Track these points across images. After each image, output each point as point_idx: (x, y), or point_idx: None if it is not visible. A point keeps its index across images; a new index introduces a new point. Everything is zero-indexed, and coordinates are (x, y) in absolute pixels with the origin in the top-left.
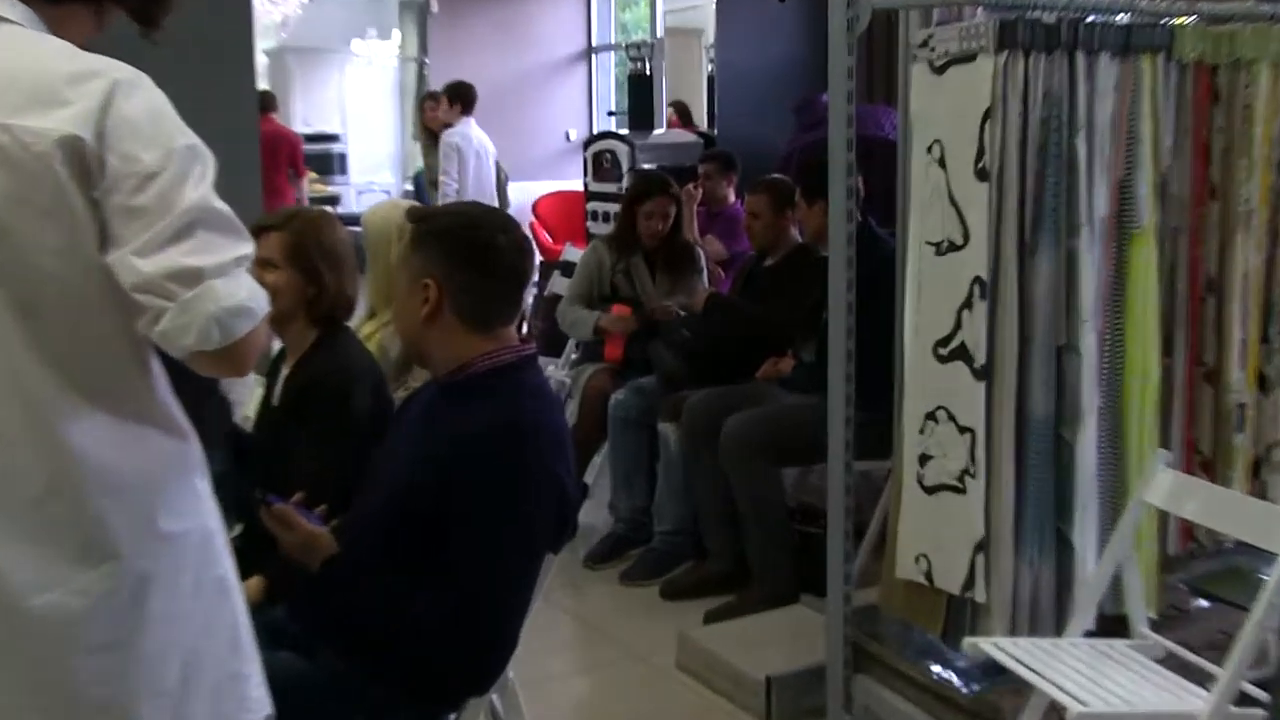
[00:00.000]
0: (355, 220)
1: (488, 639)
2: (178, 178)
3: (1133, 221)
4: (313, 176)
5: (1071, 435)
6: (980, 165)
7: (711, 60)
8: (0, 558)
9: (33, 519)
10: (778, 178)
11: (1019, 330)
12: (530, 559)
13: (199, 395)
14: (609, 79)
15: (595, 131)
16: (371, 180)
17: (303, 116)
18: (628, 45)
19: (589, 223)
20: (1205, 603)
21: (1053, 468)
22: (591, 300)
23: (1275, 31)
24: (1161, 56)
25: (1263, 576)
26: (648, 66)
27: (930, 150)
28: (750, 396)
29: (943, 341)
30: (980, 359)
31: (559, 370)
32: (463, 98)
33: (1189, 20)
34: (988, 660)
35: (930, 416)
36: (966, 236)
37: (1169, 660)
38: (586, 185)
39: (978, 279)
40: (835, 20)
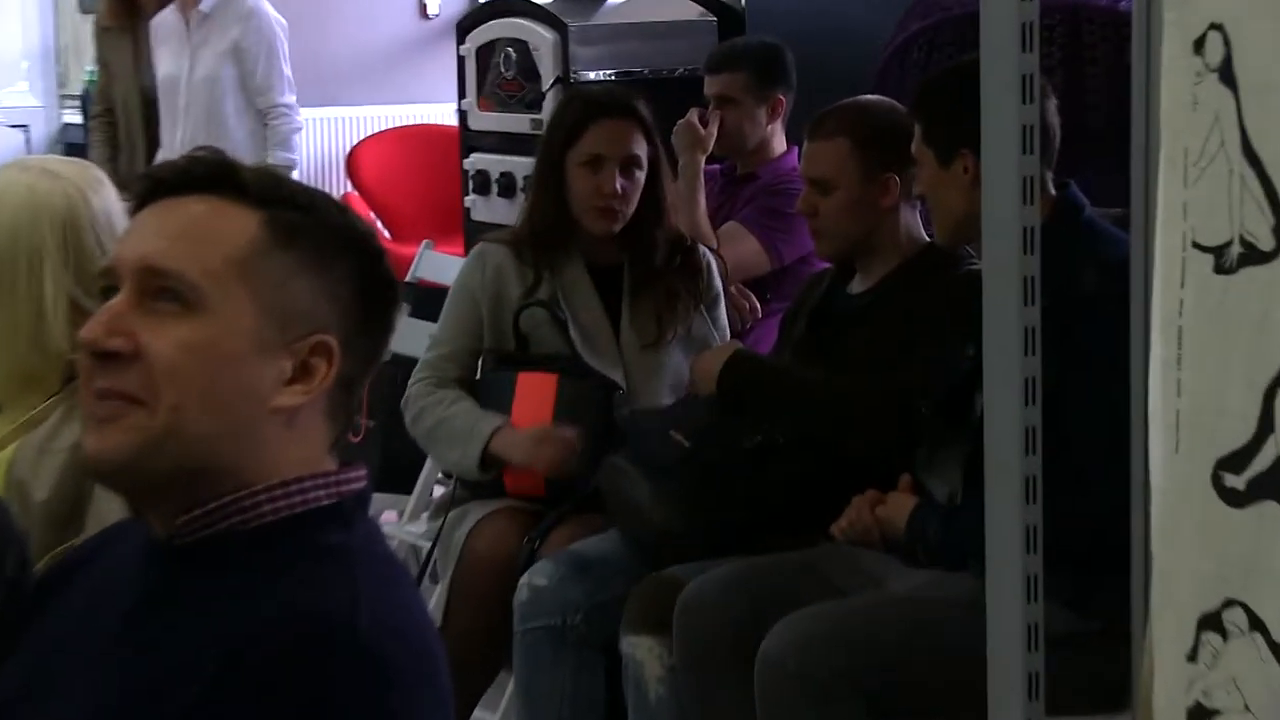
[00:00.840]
0: None
1: None
2: None
3: None
4: None
5: None
6: None
7: None
8: None
9: None
10: (870, 103)
11: None
12: None
13: None
14: None
15: (483, 0)
16: None
17: None
18: None
19: (471, 197)
20: None
21: None
22: (473, 367)
23: None
24: None
25: None
26: None
27: (1201, 46)
28: (818, 577)
29: (1234, 459)
30: None
31: (405, 523)
32: None
33: None
34: None
35: (1210, 622)
36: None
37: None
38: (464, 116)
39: None
40: None
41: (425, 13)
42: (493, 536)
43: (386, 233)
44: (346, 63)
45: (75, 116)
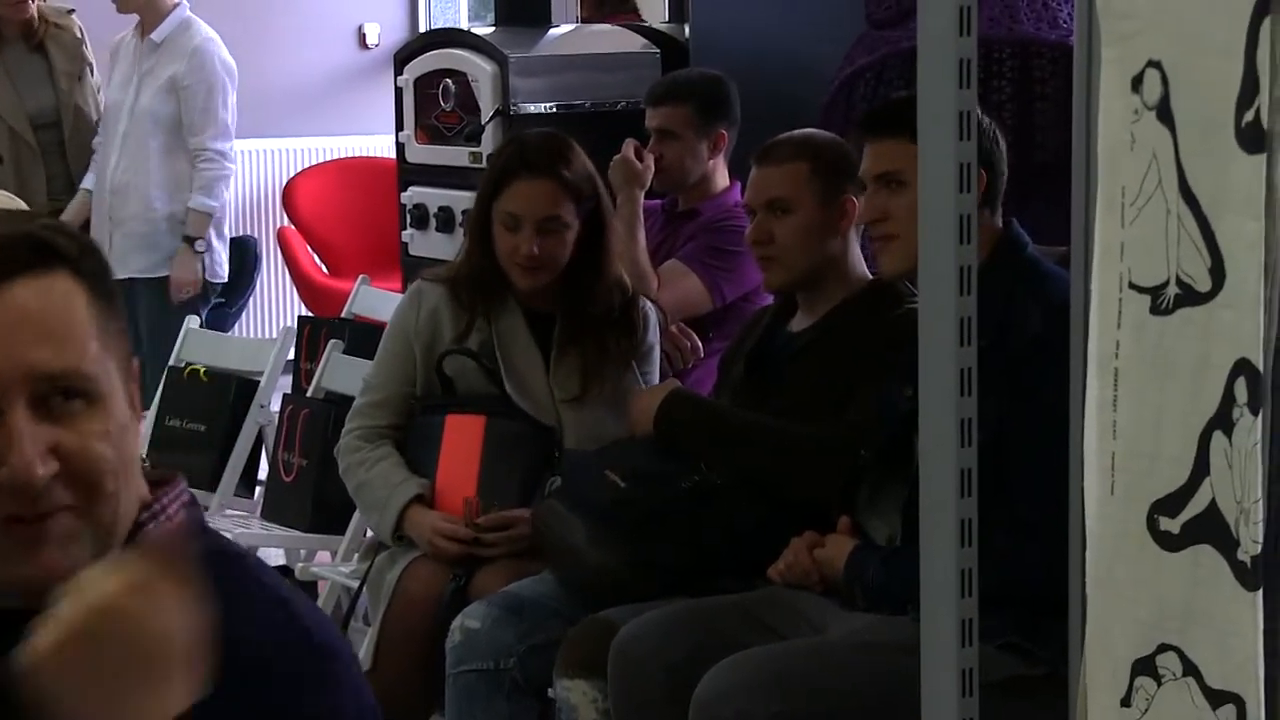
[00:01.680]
0: None
1: None
2: None
3: None
4: None
5: None
6: (1249, 119)
7: None
8: None
9: None
10: (818, 133)
11: None
12: None
13: None
14: None
15: (422, 29)
16: None
17: None
18: None
19: (409, 232)
20: None
21: None
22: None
23: None
24: None
25: None
26: None
27: (1139, 84)
28: (756, 620)
29: (1169, 502)
30: (1252, 541)
31: (338, 563)
32: None
33: None
34: None
35: (1143, 667)
36: (1219, 275)
37: None
38: (402, 149)
39: (1243, 365)
40: None
41: (364, 43)
42: (424, 578)
43: (324, 267)
44: (283, 93)
45: None
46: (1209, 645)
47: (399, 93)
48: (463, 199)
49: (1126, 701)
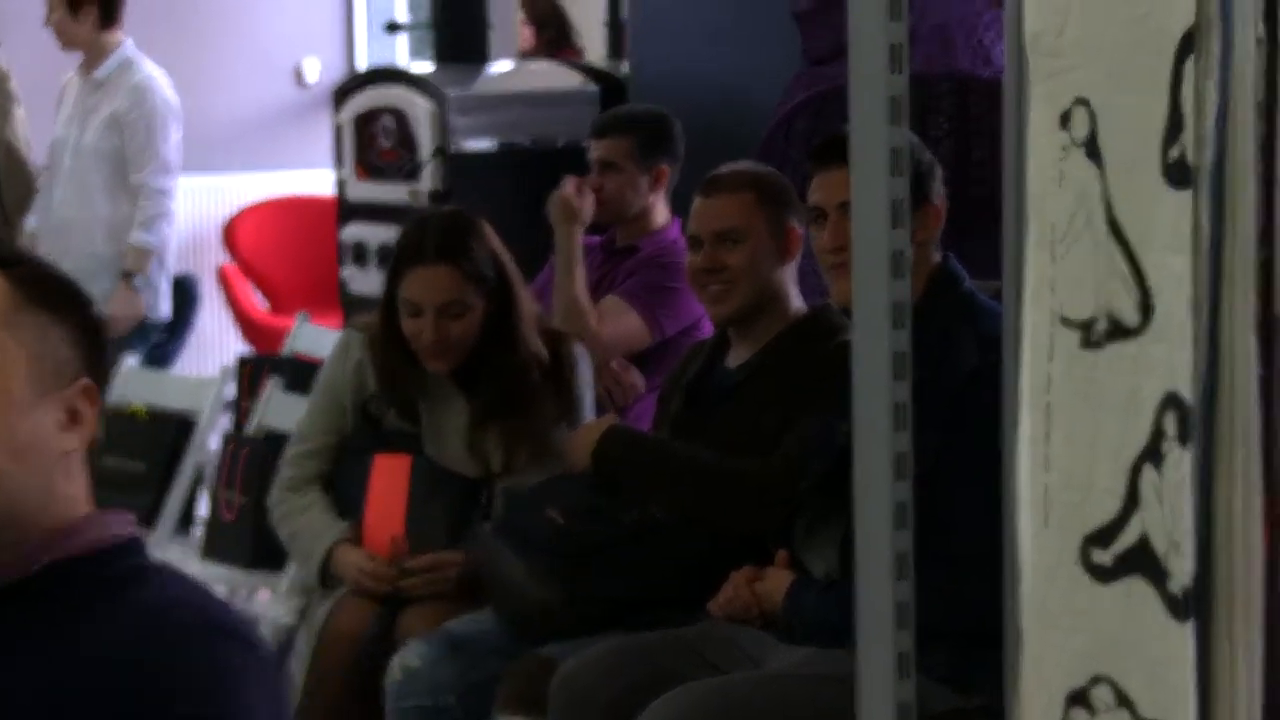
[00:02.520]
0: None
1: None
2: None
3: None
4: None
5: None
6: (1175, 155)
7: None
8: None
9: None
10: (759, 166)
11: (1270, 503)
12: None
13: None
14: None
15: (361, 69)
16: None
17: None
18: None
19: (348, 269)
20: None
21: None
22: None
23: None
24: None
25: None
26: None
27: (1067, 121)
28: (695, 655)
29: (1102, 535)
30: (1183, 573)
31: (278, 601)
32: None
33: None
34: None
35: (1078, 699)
36: (1147, 309)
37: None
38: (341, 186)
39: (1172, 399)
40: None
41: (302, 80)
42: (351, 613)
43: (264, 304)
44: (222, 129)
45: None
46: (1142, 677)
47: (338, 130)
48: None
49: None
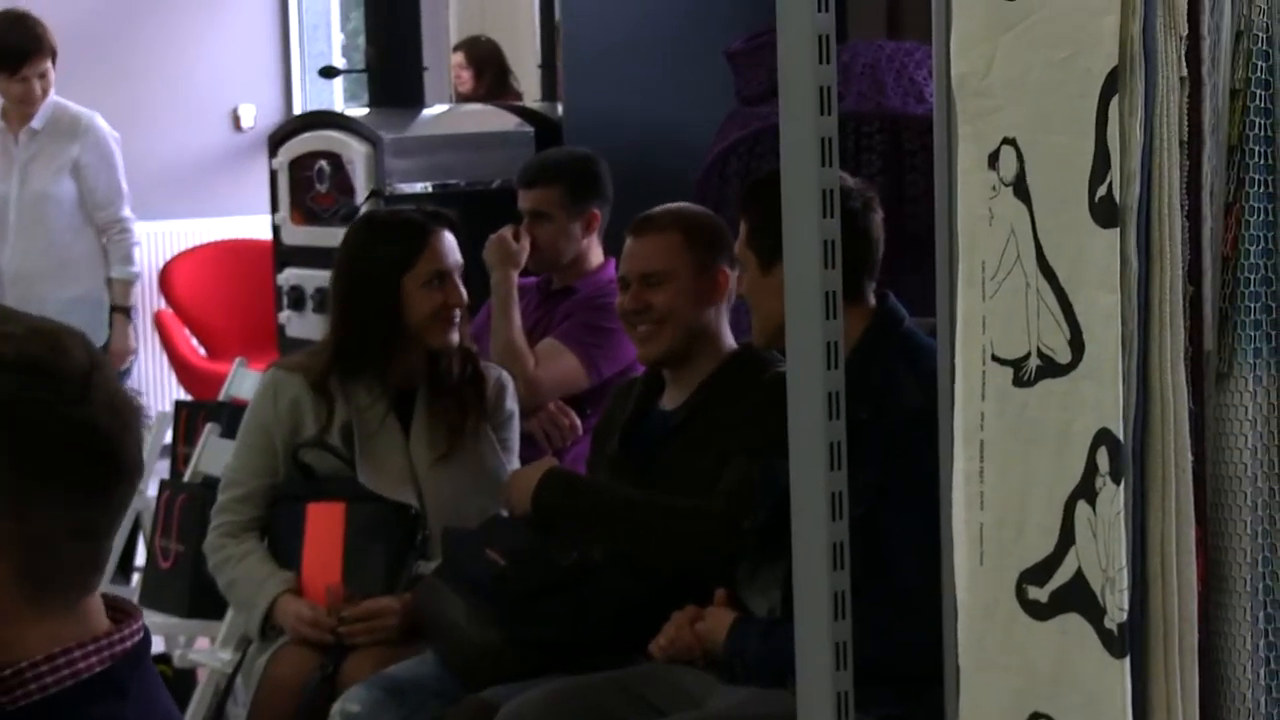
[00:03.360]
0: None
1: None
2: None
3: None
4: None
5: None
6: (1102, 194)
7: None
8: None
9: None
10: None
11: (1202, 538)
12: None
13: None
14: None
15: (296, 112)
16: None
17: None
18: None
19: (285, 313)
20: None
21: None
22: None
23: None
24: None
25: None
26: None
27: (995, 160)
28: (637, 697)
29: (1037, 571)
30: (1119, 608)
31: (217, 649)
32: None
33: None
34: None
35: None
36: (1078, 347)
37: None
38: (277, 230)
39: (1104, 435)
40: None
41: (238, 125)
42: (292, 663)
43: (201, 350)
44: (157, 175)
45: None
46: (1079, 712)
47: (274, 175)
48: None
49: None
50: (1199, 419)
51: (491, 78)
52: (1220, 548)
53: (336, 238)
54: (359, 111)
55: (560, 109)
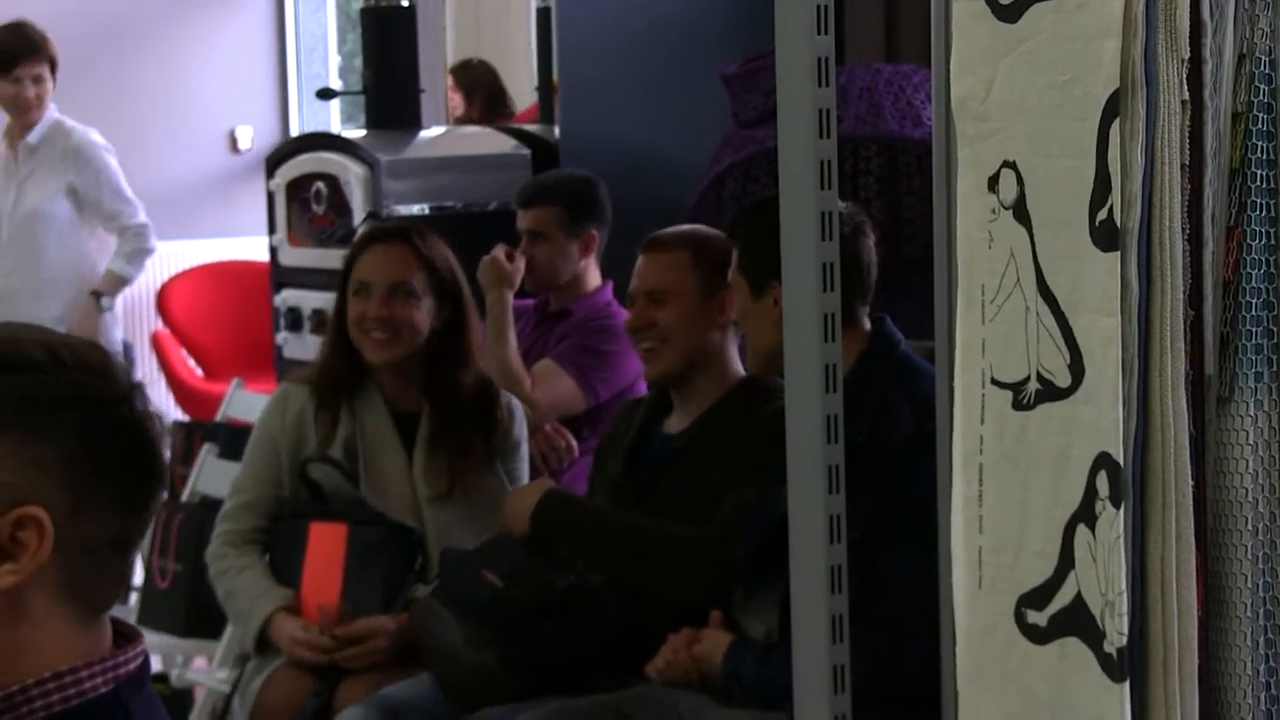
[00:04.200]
0: None
1: None
2: None
3: None
4: None
5: None
6: (1102, 217)
7: None
8: None
9: None
10: (703, 228)
11: (1202, 563)
12: None
13: None
14: (322, 17)
15: (293, 133)
16: None
17: None
18: None
19: (282, 335)
20: None
21: None
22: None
23: None
24: None
25: None
26: None
27: (995, 184)
28: (631, 717)
29: (1036, 595)
30: (1117, 634)
31: (214, 669)
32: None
33: None
34: None
35: None
36: (1078, 371)
37: None
38: (275, 252)
39: (1104, 459)
40: None
41: (235, 147)
42: (286, 686)
43: (199, 371)
44: (155, 197)
45: None
46: None
47: (271, 196)
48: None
49: None
50: (1199, 443)
51: (482, 101)
52: (1220, 573)
53: (334, 259)
54: (356, 133)
55: (557, 131)
